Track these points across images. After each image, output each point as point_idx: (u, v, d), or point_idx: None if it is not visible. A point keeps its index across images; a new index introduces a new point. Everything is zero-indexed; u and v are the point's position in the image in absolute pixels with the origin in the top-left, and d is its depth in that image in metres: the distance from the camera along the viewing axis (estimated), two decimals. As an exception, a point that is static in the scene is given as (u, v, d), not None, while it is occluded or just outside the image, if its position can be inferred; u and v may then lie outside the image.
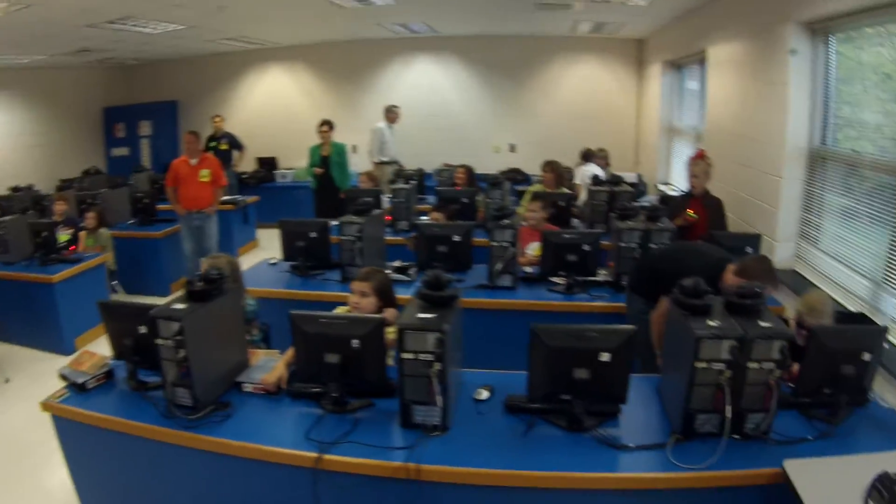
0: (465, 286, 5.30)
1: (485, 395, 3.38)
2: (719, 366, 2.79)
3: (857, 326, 3.53)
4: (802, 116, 5.47)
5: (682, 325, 2.91)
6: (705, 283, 3.07)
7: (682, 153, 9.55)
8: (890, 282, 4.27)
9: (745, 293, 3.01)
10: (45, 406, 3.49)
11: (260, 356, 3.86)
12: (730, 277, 3.77)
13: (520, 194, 8.73)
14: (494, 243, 5.19)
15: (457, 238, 5.55)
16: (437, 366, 2.91)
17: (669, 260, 4.47)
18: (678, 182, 9.69)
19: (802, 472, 2.62)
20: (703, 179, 6.20)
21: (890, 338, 3.96)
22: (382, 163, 11.25)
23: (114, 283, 8.11)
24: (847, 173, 4.98)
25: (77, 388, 3.56)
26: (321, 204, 9.90)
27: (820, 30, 5.32)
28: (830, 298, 3.98)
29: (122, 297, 8.07)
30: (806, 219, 5.57)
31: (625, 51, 12.47)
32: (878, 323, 4.01)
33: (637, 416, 3.16)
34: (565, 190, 7.92)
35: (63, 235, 7.72)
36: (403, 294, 4.45)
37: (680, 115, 10.23)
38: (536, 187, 8.33)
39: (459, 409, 3.27)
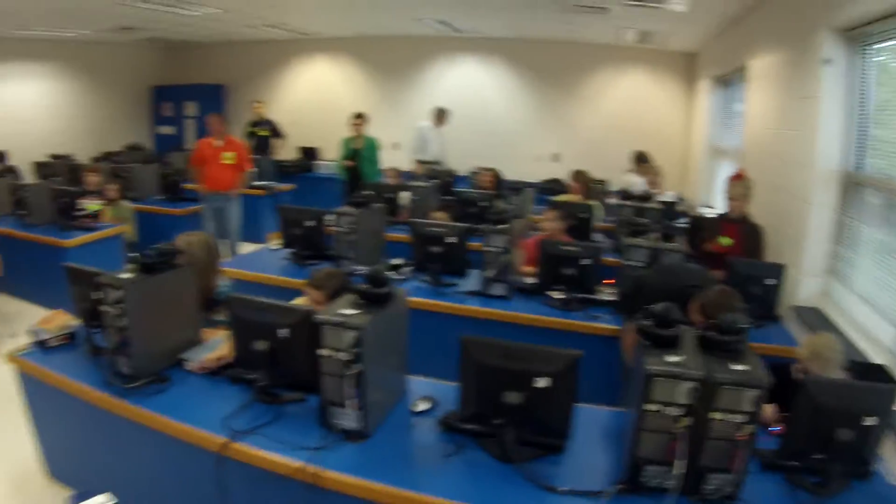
0: (457, 291, 5.03)
1: (422, 406, 3.05)
2: (675, 411, 2.32)
3: (860, 383, 2.97)
4: (835, 135, 4.90)
5: (640, 358, 2.47)
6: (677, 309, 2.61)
7: (725, 174, 8.96)
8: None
9: (725, 328, 2.51)
10: (9, 358, 3.68)
11: (216, 335, 3.73)
12: (693, 312, 3.34)
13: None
14: (488, 248, 4.85)
15: (451, 239, 5.21)
16: (356, 367, 2.62)
17: (648, 279, 4.03)
18: (719, 204, 9.11)
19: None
20: (742, 202, 5.63)
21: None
22: (423, 162, 11.06)
23: (132, 254, 7.99)
24: (889, 205, 4.37)
25: (39, 345, 3.70)
26: (349, 196, 9.63)
27: (858, 38, 4.77)
28: (840, 344, 3.38)
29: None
30: (836, 252, 4.98)
31: (675, 64, 11.94)
32: (896, 380, 3.41)
33: (589, 455, 2.74)
34: (592, 202, 7.48)
35: (92, 205, 7.74)
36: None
37: (726, 135, 9.58)
38: (563, 198, 7.94)
39: (392, 417, 3.00)
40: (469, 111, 12.71)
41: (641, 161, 9.31)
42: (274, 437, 2.75)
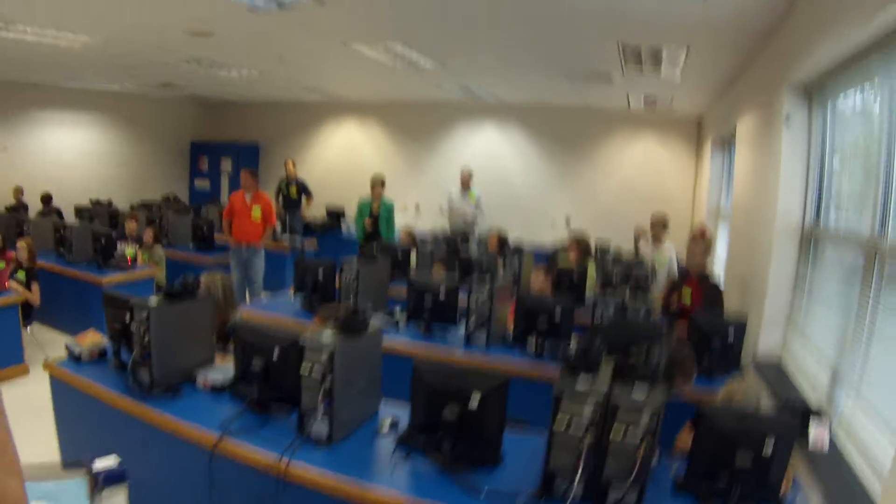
0: (444, 338, 5.52)
1: (388, 424, 3.52)
2: (580, 429, 2.68)
3: (760, 412, 3.15)
4: (795, 189, 5.18)
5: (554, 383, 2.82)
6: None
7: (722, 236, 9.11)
8: (845, 372, 3.97)
9: (637, 357, 2.95)
10: (45, 366, 4.35)
11: (227, 361, 4.27)
12: None
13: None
14: (472, 299, 5.30)
15: (442, 291, 5.65)
16: (327, 380, 3.16)
17: (602, 334, 4.37)
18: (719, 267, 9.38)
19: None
20: (702, 259, 6.06)
21: (835, 429, 3.71)
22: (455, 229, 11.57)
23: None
24: (838, 254, 4.61)
25: (74, 359, 4.33)
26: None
27: (817, 92, 5.07)
28: (758, 391, 3.70)
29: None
30: (796, 304, 5.23)
31: (683, 128, 12.39)
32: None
33: (522, 470, 3.07)
34: (592, 264, 7.90)
35: (129, 249, 8.56)
36: (391, 338, 5.09)
37: (725, 197, 9.90)
38: (563, 258, 8.39)
39: (360, 431, 3.48)
40: (488, 176, 13.28)
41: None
42: (259, 438, 3.28)
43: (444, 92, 12.07)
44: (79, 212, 11.82)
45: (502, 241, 9.17)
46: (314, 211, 13.38)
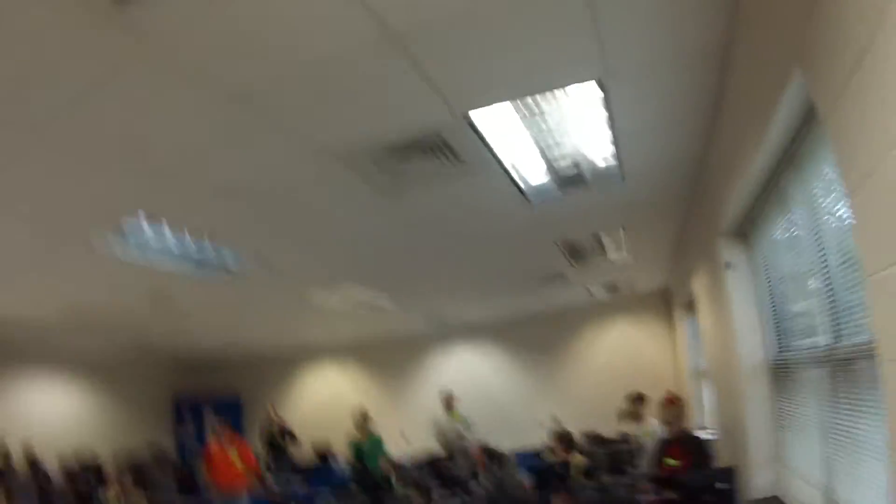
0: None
1: None
2: None
3: None
4: (751, 328, 5.20)
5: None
6: None
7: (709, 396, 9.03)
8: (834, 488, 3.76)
9: None
10: None
11: None
12: None
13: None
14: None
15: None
16: None
17: None
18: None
19: None
20: (676, 423, 6.05)
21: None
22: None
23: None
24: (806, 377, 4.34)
25: None
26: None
27: (749, 232, 5.20)
28: None
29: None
30: (781, 436, 5.02)
31: (652, 303, 12.62)
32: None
33: None
34: (578, 455, 7.64)
35: (111, 496, 8.98)
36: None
37: (700, 358, 9.74)
38: (548, 455, 8.23)
39: None
40: (470, 393, 12.70)
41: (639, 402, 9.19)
42: None
43: (412, 324, 12.53)
44: (62, 463, 11.71)
45: (486, 453, 9.05)
46: (302, 451, 13.29)
